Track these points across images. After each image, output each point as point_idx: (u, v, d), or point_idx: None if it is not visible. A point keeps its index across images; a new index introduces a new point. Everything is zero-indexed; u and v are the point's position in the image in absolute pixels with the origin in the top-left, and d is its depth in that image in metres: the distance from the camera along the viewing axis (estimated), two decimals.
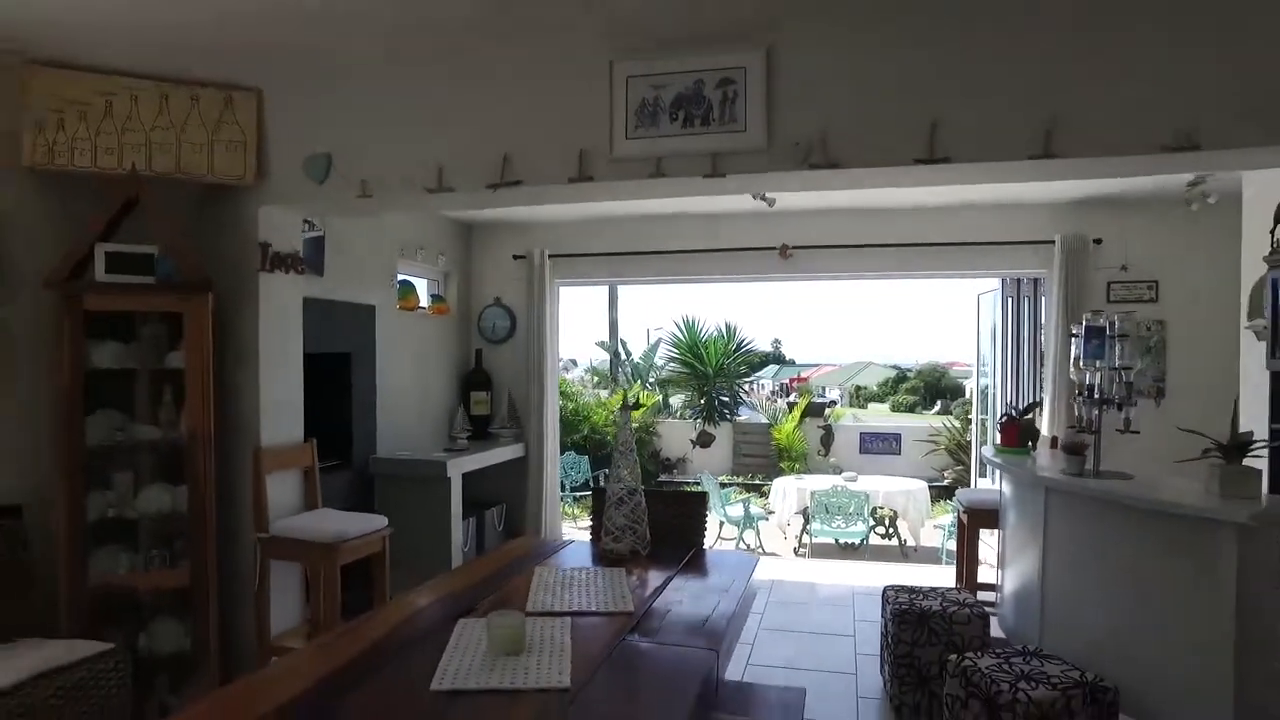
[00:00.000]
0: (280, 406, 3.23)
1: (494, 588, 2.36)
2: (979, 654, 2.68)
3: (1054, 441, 3.66)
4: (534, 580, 2.39)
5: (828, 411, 10.79)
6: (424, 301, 5.23)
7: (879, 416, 16.16)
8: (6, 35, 2.61)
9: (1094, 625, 2.70)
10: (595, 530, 2.98)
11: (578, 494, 8.26)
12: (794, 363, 26.70)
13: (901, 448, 9.55)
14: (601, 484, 7.94)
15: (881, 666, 3.37)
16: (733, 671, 3.00)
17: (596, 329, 13.55)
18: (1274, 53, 2.18)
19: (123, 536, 2.94)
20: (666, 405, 11.28)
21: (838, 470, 8.05)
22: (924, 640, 3.11)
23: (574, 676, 1.70)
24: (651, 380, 11.82)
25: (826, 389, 24.69)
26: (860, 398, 25.52)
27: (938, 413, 16.84)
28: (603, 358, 12.86)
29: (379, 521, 3.28)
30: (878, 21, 2.45)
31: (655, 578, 2.50)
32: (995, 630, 3.29)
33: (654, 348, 12.26)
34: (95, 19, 2.51)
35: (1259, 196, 3.49)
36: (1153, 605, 2.50)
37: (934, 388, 25.26)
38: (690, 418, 10.54)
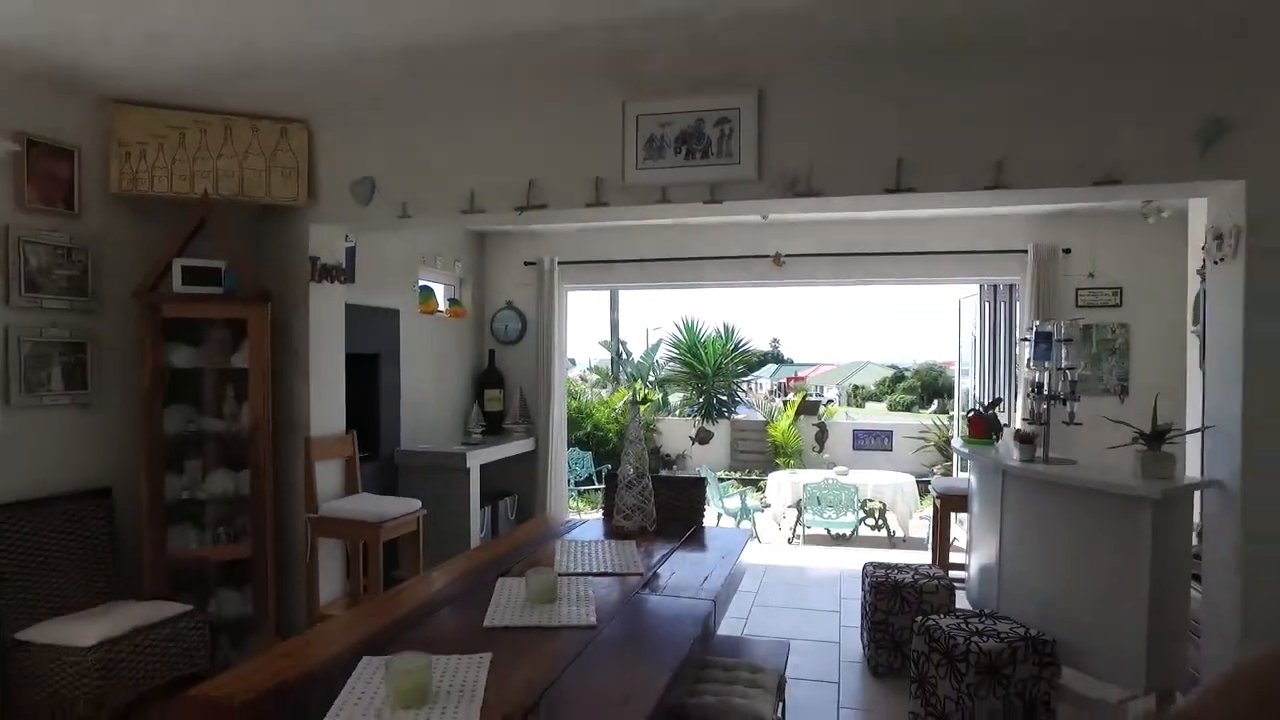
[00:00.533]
0: (326, 402, 3.66)
1: (524, 555, 2.79)
2: (942, 616, 3.12)
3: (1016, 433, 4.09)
4: (558, 549, 2.82)
5: (821, 410, 11.22)
6: (442, 305, 5.66)
7: (873, 415, 16.58)
8: (97, 79, 3.04)
9: (1041, 589, 3.14)
10: (607, 511, 3.42)
11: (581, 488, 8.70)
12: (792, 362, 27.12)
13: (893, 444, 10.00)
14: (604, 481, 8.38)
15: (862, 634, 3.81)
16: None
17: (598, 329, 13.97)
18: (1175, 109, 2.61)
19: (193, 515, 3.38)
20: (666, 403, 11.72)
21: (831, 465, 8.49)
22: (897, 609, 3.56)
23: (598, 618, 2.14)
24: (652, 379, 12.26)
25: (824, 388, 25.12)
26: (858, 397, 25.89)
27: (935, 411, 17.29)
28: (604, 356, 13.30)
29: (414, 504, 3.72)
30: (851, 73, 2.88)
31: (661, 548, 2.93)
32: (962, 603, 3.72)
33: (654, 348, 12.71)
34: (170, 64, 2.92)
35: (1201, 214, 3.92)
36: (1086, 570, 2.94)
37: (931, 387, 25.63)
38: (689, 415, 10.98)
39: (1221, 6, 2.41)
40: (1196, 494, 2.94)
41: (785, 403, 11.52)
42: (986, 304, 5.88)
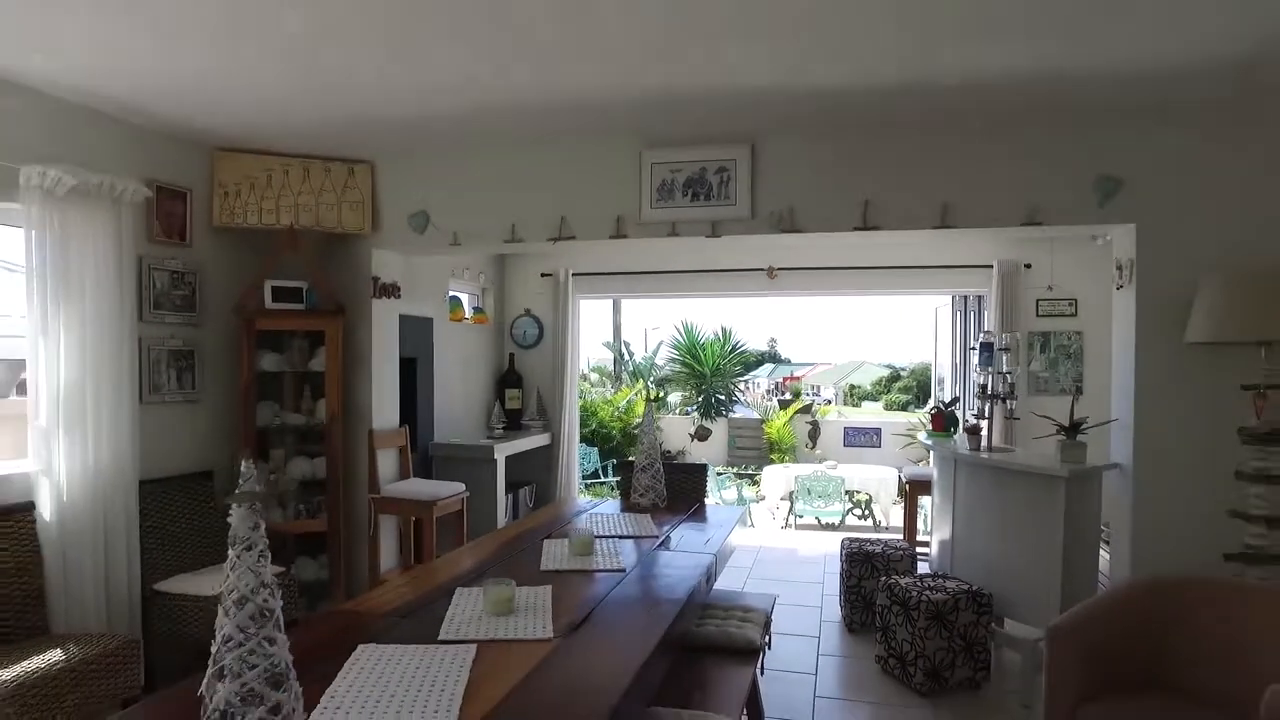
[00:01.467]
0: (384, 400, 4.37)
1: (558, 526, 3.51)
2: (902, 577, 3.84)
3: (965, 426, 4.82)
4: (588, 520, 3.54)
5: (814, 408, 11.94)
6: (468, 313, 6.36)
7: (864, 414, 17.28)
8: (205, 131, 3.74)
9: (983, 554, 3.86)
10: (624, 492, 4.13)
11: (588, 481, 9.40)
12: (790, 361, 27.84)
13: (882, 441, 10.72)
14: (610, 474, 9.10)
15: (840, 599, 4.52)
16: None
17: (601, 330, 14.66)
18: (1080, 168, 3.34)
19: (291, 494, 4.08)
20: (665, 402, 12.43)
21: (822, 461, 9.22)
22: (868, 574, 4.28)
23: (625, 566, 2.85)
24: (653, 379, 12.96)
25: (821, 387, 25.83)
26: (854, 396, 26.56)
27: (928, 411, 18.04)
28: (606, 356, 14.00)
29: (459, 487, 4.43)
30: (826, 133, 3.59)
31: (671, 520, 3.64)
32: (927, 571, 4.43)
33: (655, 349, 13.42)
34: (261, 118, 3.59)
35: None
36: (1016, 536, 3.66)
37: (926, 387, 26.22)
38: (689, 414, 11.69)
39: (1114, 93, 3.11)
40: (1106, 474, 3.65)
41: (780, 402, 12.24)
42: (958, 313, 6.61)
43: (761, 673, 3.09)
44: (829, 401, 21.31)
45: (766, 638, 3.13)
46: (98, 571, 3.23)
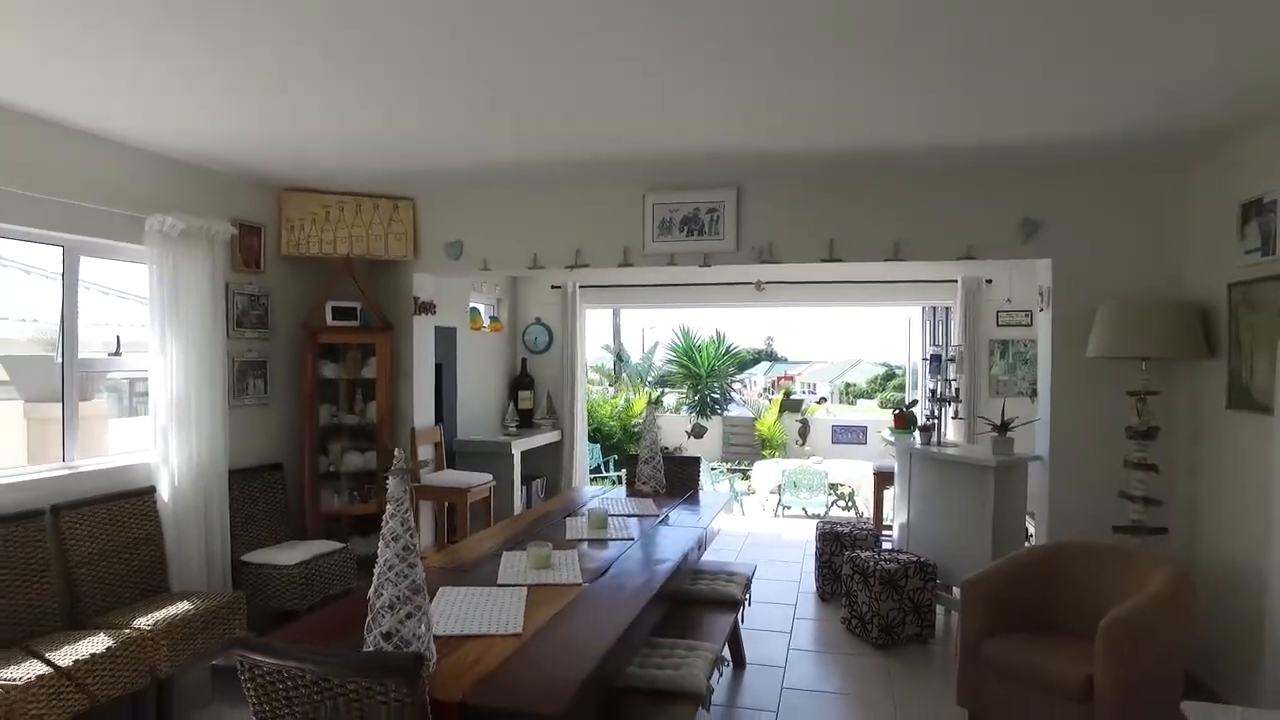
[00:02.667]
0: (423, 402, 5.16)
1: (575, 508, 4.30)
2: (863, 551, 4.65)
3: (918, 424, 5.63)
4: (600, 503, 4.33)
5: (804, 407, 12.75)
6: (485, 323, 7.14)
7: (855, 412, 18.09)
8: (275, 175, 4.51)
9: (932, 532, 4.67)
10: (629, 481, 4.93)
11: (591, 475, 10.20)
12: (786, 360, 28.59)
13: (868, 438, 11.54)
14: (611, 469, 9.88)
15: (815, 573, 5.32)
16: None
17: (601, 333, 15.45)
18: (1007, 212, 4.14)
19: (334, 483, 4.87)
20: (661, 402, 13.24)
21: (810, 456, 10.03)
22: (837, 551, 5.08)
23: (634, 536, 3.65)
24: (650, 380, 13.77)
25: (817, 385, 26.58)
26: (850, 395, 27.31)
27: None
28: (606, 357, 14.79)
29: (487, 478, 5.23)
30: (799, 182, 4.38)
31: (669, 502, 4.44)
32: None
33: (651, 350, 14.23)
34: (321, 164, 4.34)
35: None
36: (956, 516, 4.46)
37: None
38: (685, 412, 12.50)
39: (1036, 155, 3.89)
40: (1031, 464, 4.45)
41: (771, 400, 13.05)
42: (928, 322, 7.42)
43: (742, 621, 3.90)
44: (823, 400, 22.05)
45: (747, 595, 3.93)
46: (200, 543, 4.01)
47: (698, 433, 11.87)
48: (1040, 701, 2.99)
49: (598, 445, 10.65)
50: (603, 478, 10.07)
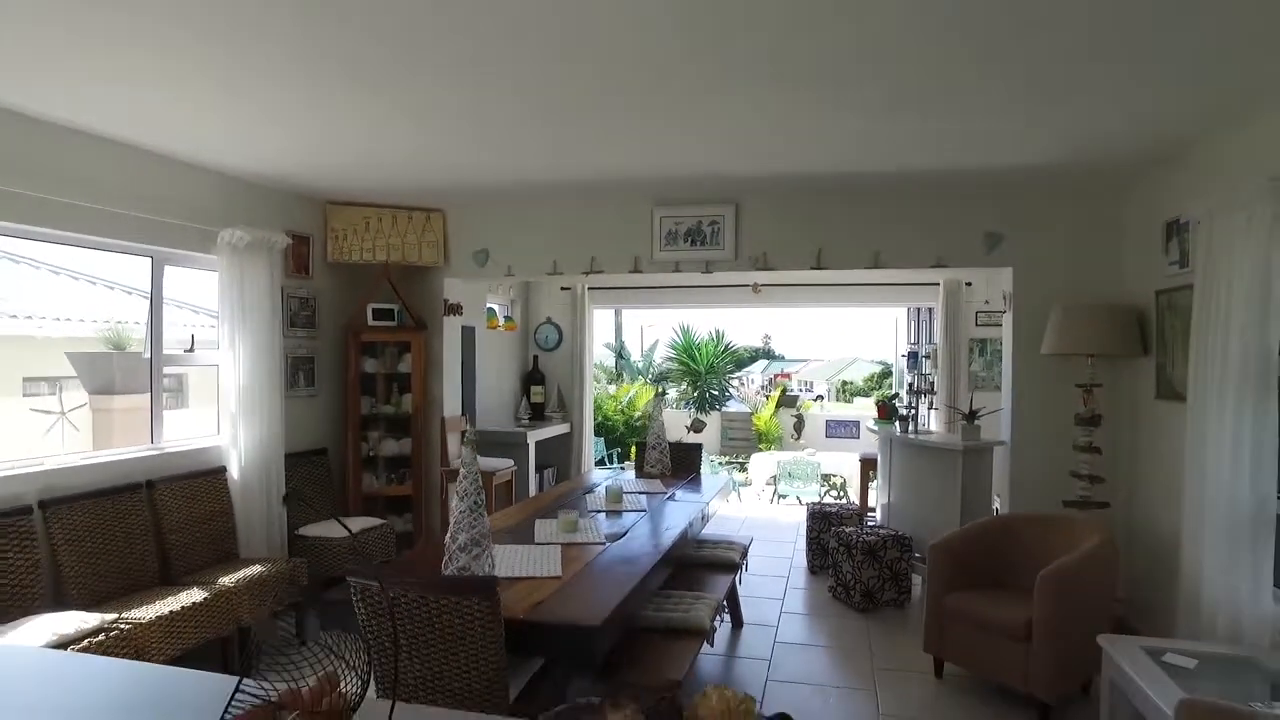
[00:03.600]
0: (451, 394, 5.75)
1: (591, 487, 4.90)
2: (848, 527, 5.25)
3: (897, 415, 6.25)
4: (614, 482, 4.93)
5: (799, 403, 13.37)
6: (500, 322, 7.73)
7: (849, 408, 18.69)
8: (322, 191, 5.10)
9: (908, 509, 5.27)
10: (638, 466, 5.53)
11: (595, 466, 10.79)
12: (783, 358, 29.18)
13: (860, 433, 12.15)
14: (614, 462, 10.47)
15: (806, 550, 5.93)
16: None
17: (603, 331, 16.01)
18: (973, 226, 4.74)
19: (373, 467, 5.47)
20: (663, 395, 13.85)
21: (804, 449, 10.64)
22: (825, 529, 5.69)
23: (645, 510, 4.25)
24: (651, 376, 14.37)
25: (814, 383, 27.17)
26: (846, 393, 27.89)
27: None
28: (608, 355, 15.39)
29: (509, 463, 5.82)
30: (790, 199, 4.98)
31: (675, 483, 5.04)
32: None
33: (652, 349, 14.83)
34: (362, 180, 4.92)
35: None
36: (929, 495, 5.07)
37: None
38: (685, 408, 13.11)
39: (999, 176, 4.49)
40: (997, 449, 5.06)
41: (768, 397, 13.67)
42: (913, 322, 8.02)
43: (740, 585, 4.51)
44: (820, 398, 22.65)
45: (744, 560, 4.53)
46: (263, 517, 4.60)
47: (697, 427, 12.48)
48: (990, 642, 3.60)
49: (602, 439, 11.25)
50: (607, 468, 10.67)
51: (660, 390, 8.00)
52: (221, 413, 4.53)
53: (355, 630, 2.50)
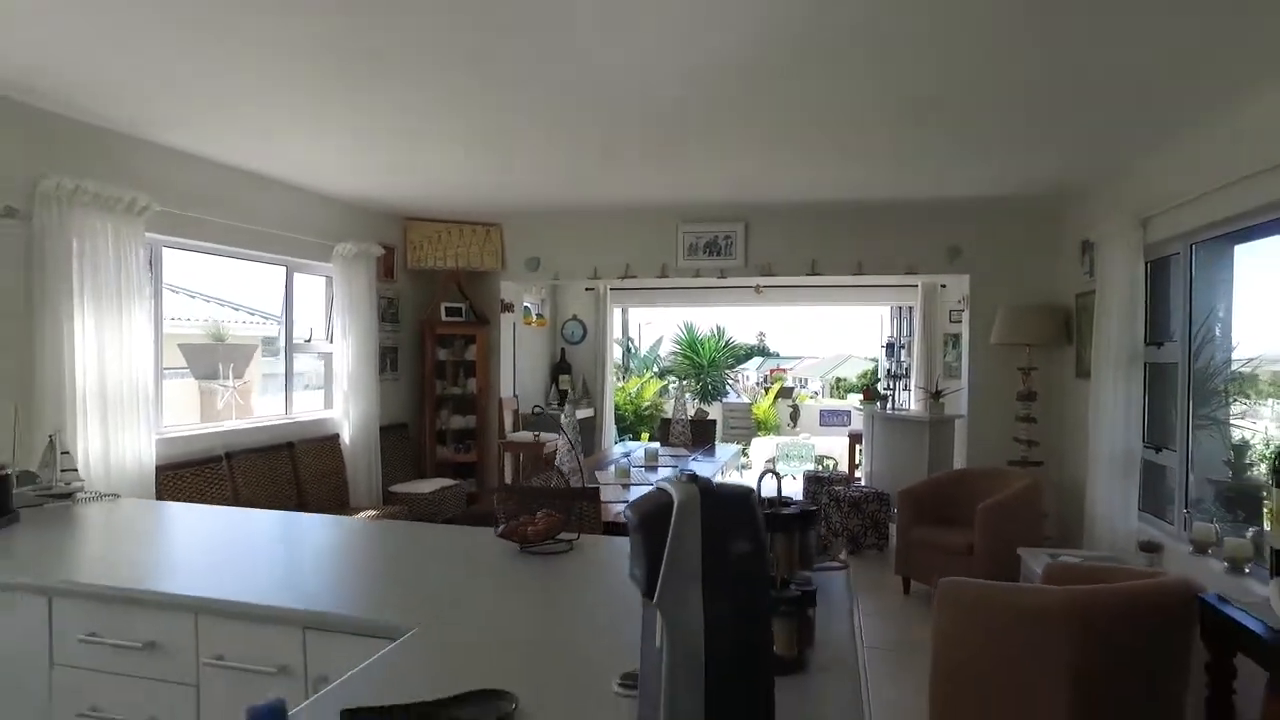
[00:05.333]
0: (506, 379, 6.99)
1: (628, 452, 6.15)
2: (837, 486, 6.53)
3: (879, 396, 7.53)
4: (648, 448, 6.18)
5: (795, 394, 14.66)
6: (534, 318, 8.96)
7: (844, 402, 19.95)
8: (402, 209, 6.33)
9: (886, 471, 6.55)
10: (663, 438, 6.78)
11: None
12: (778, 355, 30.48)
13: (851, 420, 13.45)
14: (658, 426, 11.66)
15: None
16: None
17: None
18: (937, 240, 6.02)
19: (444, 439, 6.71)
20: (684, 380, 15.13)
21: (798, 434, 11.94)
22: (820, 489, 6.96)
23: (675, 466, 5.50)
24: (656, 370, 15.63)
25: (808, 380, 28.48)
26: (840, 389, 29.14)
27: None
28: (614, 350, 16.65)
29: (554, 437, 7.06)
30: (790, 218, 6.24)
31: (694, 450, 6.31)
32: None
33: (657, 344, 16.08)
34: (434, 200, 6.15)
35: None
36: (902, 460, 6.34)
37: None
38: (688, 399, 14.38)
39: (958, 201, 5.75)
40: (958, 421, 6.32)
41: (766, 390, 14.95)
42: (895, 320, 9.31)
43: None
44: (815, 395, 23.93)
45: None
46: (367, 475, 5.83)
47: (700, 416, 13.74)
48: (943, 561, 4.86)
49: (615, 426, 12.50)
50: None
51: (681, 377, 9.23)
52: (335, 392, 5.76)
53: None
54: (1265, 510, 2.59)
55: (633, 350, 16.04)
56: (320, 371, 6.05)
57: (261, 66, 3.18)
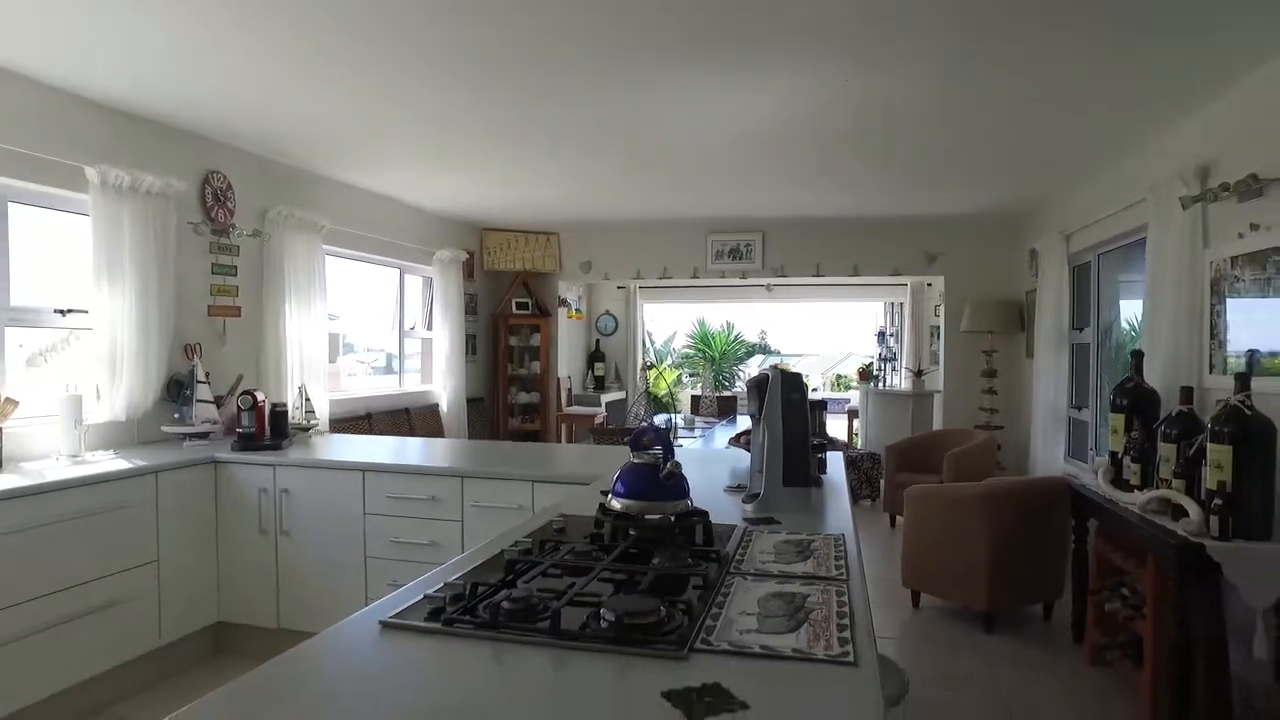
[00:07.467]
0: (563, 362, 8.49)
1: (667, 419, 7.66)
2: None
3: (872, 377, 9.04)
4: (685, 415, 7.69)
5: None
6: (573, 312, 10.44)
7: (847, 393, 21.44)
8: (480, 219, 7.82)
9: (878, 436, 8.05)
10: (694, 411, 8.28)
11: None
12: (779, 353, 32.05)
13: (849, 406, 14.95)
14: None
15: None
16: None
17: None
18: (915, 246, 7.52)
19: (513, 411, 8.21)
20: (681, 380, 16.62)
21: None
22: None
23: (710, 428, 7.01)
24: (669, 361, 17.14)
25: (810, 377, 29.99)
26: (840, 385, 30.60)
27: None
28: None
29: (602, 410, 8.57)
30: (800, 229, 7.74)
31: (722, 420, 7.81)
32: None
33: (671, 338, 17.59)
34: (505, 213, 7.64)
35: None
36: (891, 425, 7.84)
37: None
38: (701, 389, 15.88)
39: (937, 215, 7.24)
40: (935, 395, 7.82)
41: None
42: (887, 313, 10.83)
43: None
44: (815, 389, 25.42)
45: None
46: (457, 437, 7.32)
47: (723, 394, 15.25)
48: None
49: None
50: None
51: (694, 371, 10.77)
52: (434, 371, 7.26)
53: None
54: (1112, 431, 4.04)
55: (650, 343, 17.55)
56: (381, 357, 7.54)
57: (406, 129, 4.64)
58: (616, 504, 1.93)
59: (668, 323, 18.93)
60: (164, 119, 4.28)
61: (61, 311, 3.92)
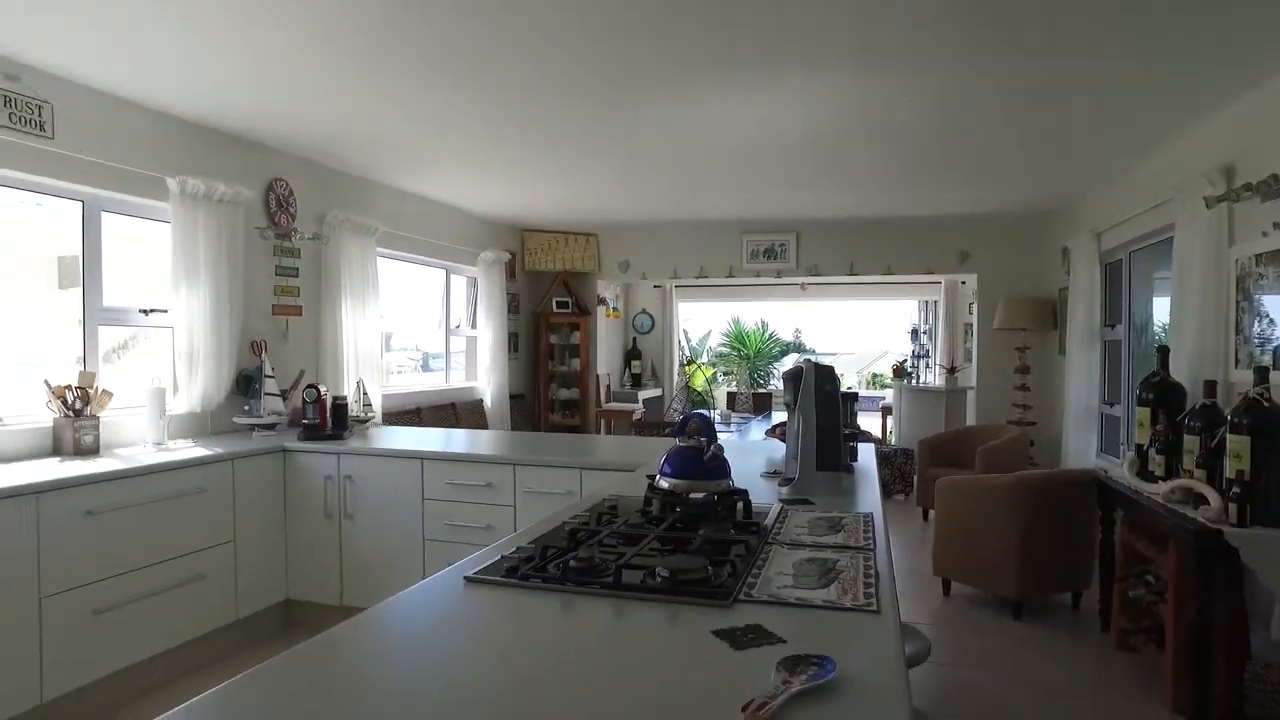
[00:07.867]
0: (602, 359, 8.72)
1: (706, 413, 7.85)
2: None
3: (906, 374, 9.14)
4: (723, 411, 7.87)
5: None
6: (611, 311, 10.67)
7: (881, 391, 21.44)
8: (520, 221, 8.08)
9: (912, 432, 8.16)
10: (730, 406, 8.46)
11: None
12: (814, 351, 32.03)
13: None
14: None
15: None
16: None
17: None
18: (948, 246, 7.62)
19: (555, 407, 8.46)
20: (717, 378, 16.78)
21: None
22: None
23: (747, 422, 7.19)
24: (704, 359, 17.30)
25: (844, 375, 29.95)
26: (876, 384, 30.50)
27: None
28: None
29: (640, 406, 8.78)
30: (833, 229, 7.88)
31: (757, 416, 7.98)
32: None
33: (706, 336, 17.76)
34: (546, 215, 7.88)
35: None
36: (923, 422, 7.94)
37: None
38: (736, 386, 16.03)
39: (968, 215, 7.34)
40: (969, 391, 7.90)
41: None
42: (921, 311, 10.89)
43: None
44: (850, 388, 25.43)
45: None
46: (504, 431, 7.58)
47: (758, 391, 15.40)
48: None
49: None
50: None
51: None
52: (479, 368, 7.53)
53: None
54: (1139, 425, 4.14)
55: (686, 341, 17.74)
56: (418, 354, 7.82)
57: (461, 140, 4.89)
58: (664, 483, 2.13)
59: (703, 321, 19.15)
60: (235, 131, 4.58)
61: (145, 311, 4.24)
